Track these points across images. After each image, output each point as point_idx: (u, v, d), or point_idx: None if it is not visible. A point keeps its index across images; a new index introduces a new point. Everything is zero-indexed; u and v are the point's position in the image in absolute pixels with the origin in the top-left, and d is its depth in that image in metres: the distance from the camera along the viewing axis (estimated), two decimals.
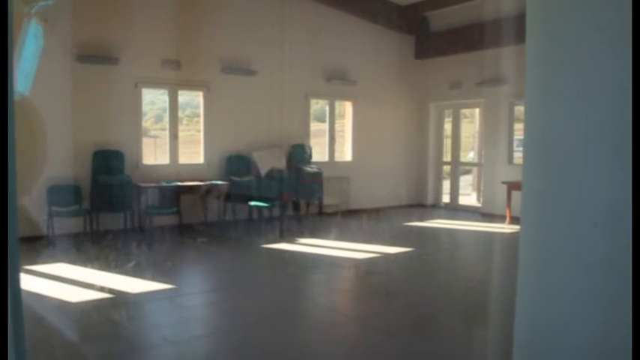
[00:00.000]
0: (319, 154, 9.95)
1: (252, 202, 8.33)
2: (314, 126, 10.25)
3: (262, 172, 8.75)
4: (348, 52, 10.03)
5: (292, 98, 9.39)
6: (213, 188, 8.16)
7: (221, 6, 8.41)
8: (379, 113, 10.60)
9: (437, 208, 11.01)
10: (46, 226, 6.69)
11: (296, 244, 7.37)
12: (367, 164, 10.37)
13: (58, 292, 4.86)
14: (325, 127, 10.25)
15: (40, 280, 5.19)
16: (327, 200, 9.50)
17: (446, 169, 11.29)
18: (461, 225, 9.31)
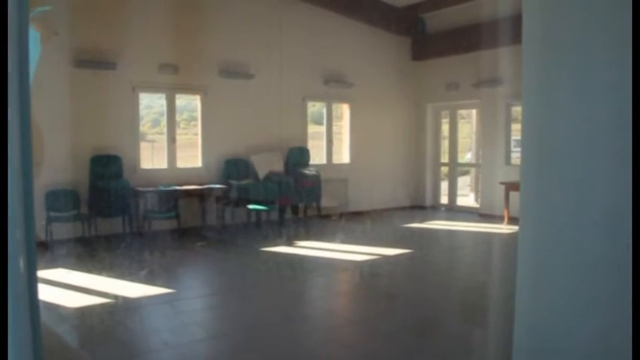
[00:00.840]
0: (317, 157, 9.96)
1: (251, 206, 8.33)
2: (312, 129, 10.26)
3: (260, 175, 8.74)
4: (345, 54, 10.04)
5: (290, 101, 9.40)
6: (212, 192, 8.15)
7: (218, 10, 8.41)
8: (377, 115, 10.62)
9: (435, 209, 11.01)
10: (44, 231, 6.67)
11: (295, 246, 7.36)
12: (365, 166, 10.38)
13: (58, 297, 4.84)
14: (323, 129, 10.27)
15: (39, 285, 5.15)
16: (326, 203, 9.48)
17: (444, 170, 11.29)
18: (459, 226, 9.32)
